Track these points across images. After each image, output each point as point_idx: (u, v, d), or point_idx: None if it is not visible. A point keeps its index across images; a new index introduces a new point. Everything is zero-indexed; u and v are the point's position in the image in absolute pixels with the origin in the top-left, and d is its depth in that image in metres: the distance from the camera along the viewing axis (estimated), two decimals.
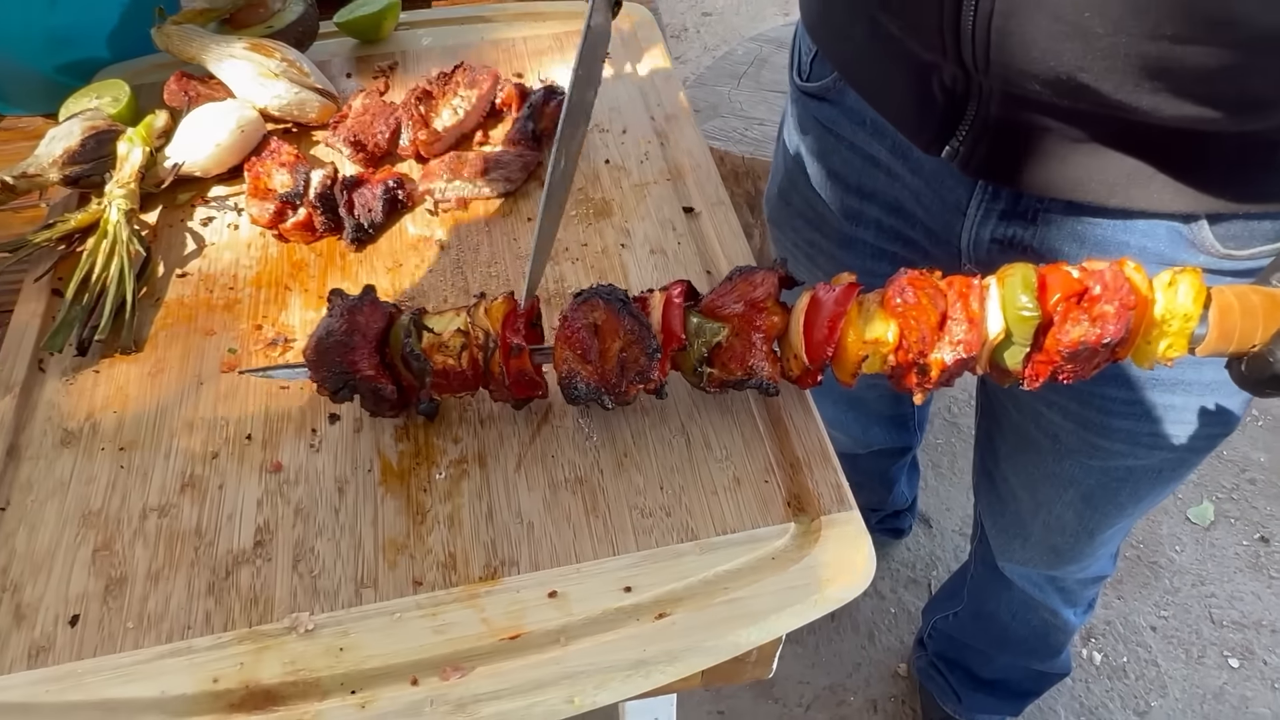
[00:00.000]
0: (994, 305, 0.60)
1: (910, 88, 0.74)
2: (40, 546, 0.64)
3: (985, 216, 0.78)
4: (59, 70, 0.95)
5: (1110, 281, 0.58)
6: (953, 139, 0.73)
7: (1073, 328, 0.59)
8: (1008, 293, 0.60)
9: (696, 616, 0.59)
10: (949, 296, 0.61)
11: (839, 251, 0.97)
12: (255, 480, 0.67)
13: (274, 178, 0.83)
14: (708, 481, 0.66)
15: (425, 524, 0.64)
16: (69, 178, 0.84)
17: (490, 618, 0.59)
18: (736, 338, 0.64)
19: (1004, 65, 0.63)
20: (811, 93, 0.90)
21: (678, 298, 0.64)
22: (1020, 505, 1.05)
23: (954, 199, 0.79)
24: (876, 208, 0.90)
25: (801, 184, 0.97)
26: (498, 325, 0.65)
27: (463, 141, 0.92)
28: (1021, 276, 0.60)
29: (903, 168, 0.84)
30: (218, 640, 0.59)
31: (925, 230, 0.86)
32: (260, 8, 0.97)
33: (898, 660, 1.73)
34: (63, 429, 0.70)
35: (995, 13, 0.61)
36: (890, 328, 0.61)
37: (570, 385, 0.64)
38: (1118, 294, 0.58)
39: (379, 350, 0.65)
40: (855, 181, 0.90)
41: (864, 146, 0.86)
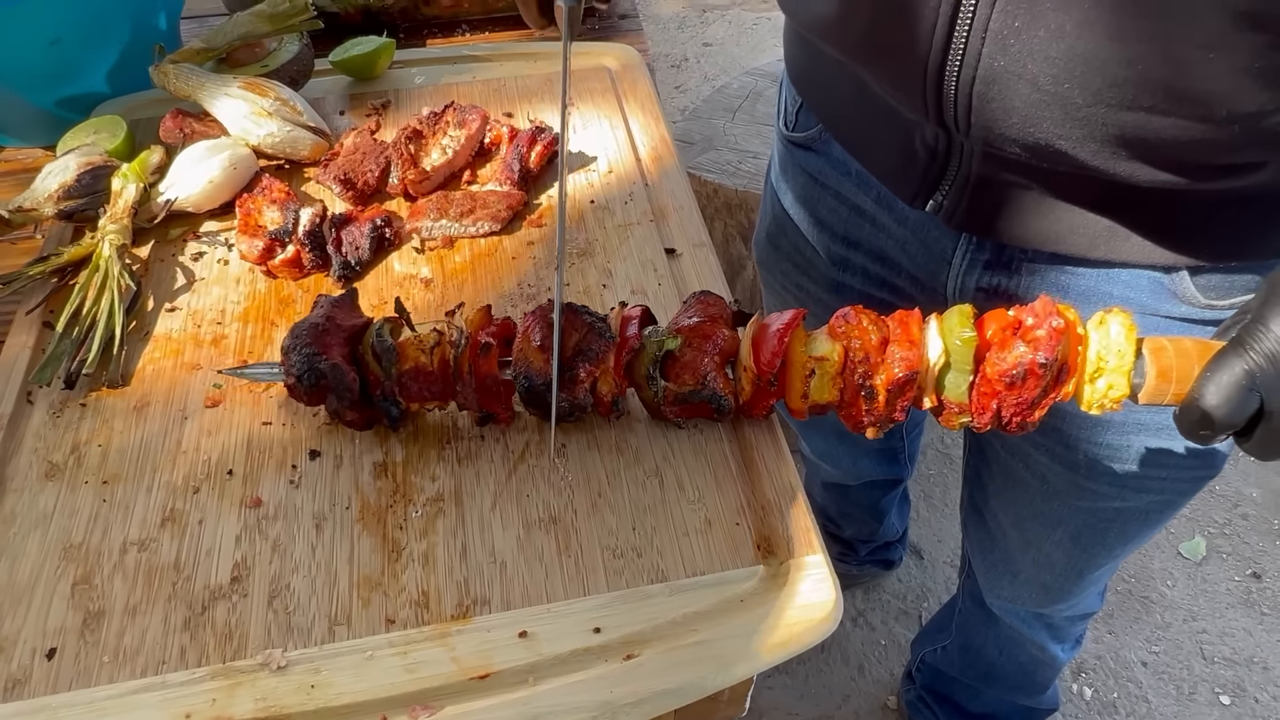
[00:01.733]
0: (933, 333, 0.63)
1: (894, 143, 0.75)
2: (21, 579, 0.65)
3: (970, 266, 0.80)
4: (59, 104, 0.97)
5: (1040, 310, 0.61)
6: (936, 193, 0.74)
7: (1008, 352, 0.61)
8: (946, 323, 0.63)
9: (664, 658, 0.59)
10: (890, 324, 0.64)
11: (827, 296, 0.98)
12: (234, 515, 0.68)
13: (264, 214, 0.85)
14: (679, 523, 0.67)
15: (400, 561, 0.65)
16: (64, 212, 0.86)
17: (460, 656, 0.60)
18: (689, 348, 0.66)
19: (984, 129, 0.65)
20: (797, 142, 0.92)
21: (636, 313, 0.68)
22: (1009, 543, 1.06)
23: (939, 249, 0.81)
24: (863, 255, 0.91)
25: (789, 229, 0.98)
26: (472, 327, 0.68)
27: (451, 180, 0.94)
28: (959, 310, 0.63)
29: (888, 218, 0.85)
30: (191, 676, 0.59)
31: (911, 278, 0.87)
32: (256, 47, 1.00)
33: (887, 693, 1.72)
34: (48, 461, 0.71)
35: (977, 79, 0.62)
36: (835, 347, 0.64)
37: (525, 377, 0.66)
38: (1047, 319, 0.60)
39: (350, 344, 0.68)
40: (841, 230, 0.91)
41: (850, 196, 0.88)
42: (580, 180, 0.94)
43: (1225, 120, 0.57)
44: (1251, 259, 0.70)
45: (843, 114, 0.83)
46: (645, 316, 0.70)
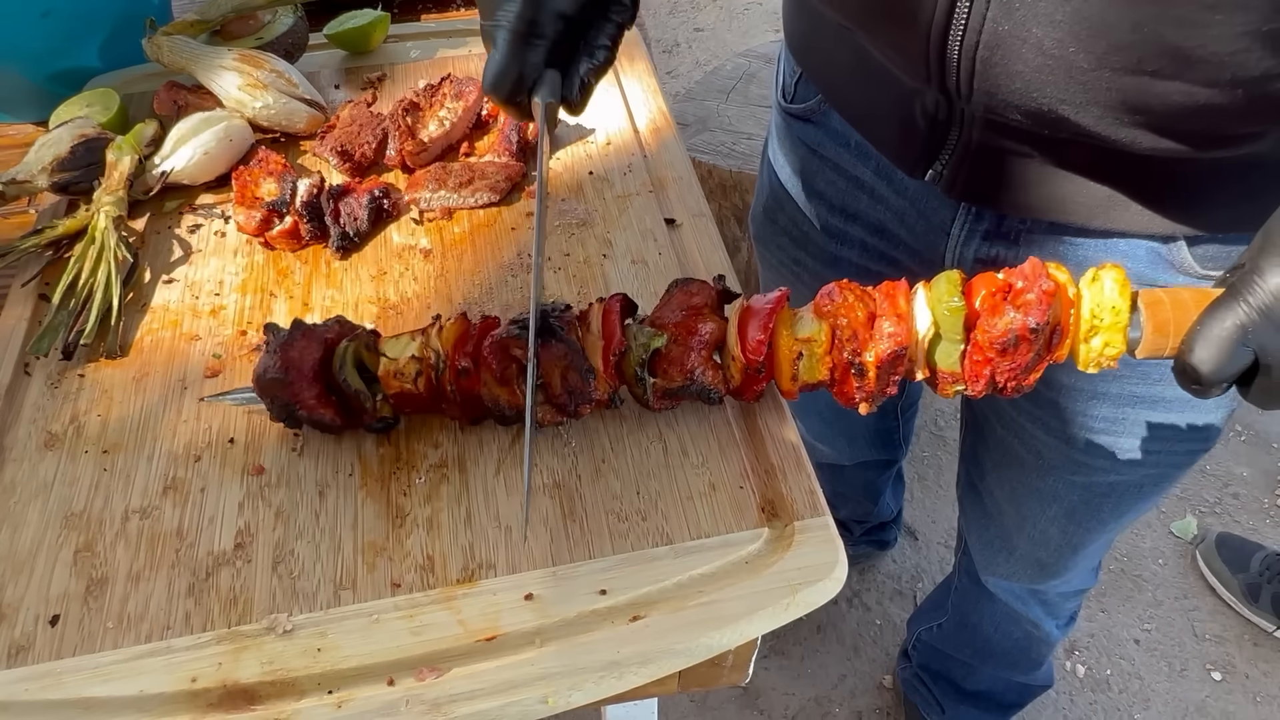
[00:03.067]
0: (921, 304, 0.62)
1: (894, 112, 0.75)
2: (22, 547, 0.64)
3: (969, 237, 0.79)
4: (51, 79, 0.96)
5: (1029, 273, 0.60)
6: (936, 163, 0.74)
7: (999, 319, 0.60)
8: (934, 292, 0.62)
9: (670, 619, 0.60)
10: (877, 298, 0.63)
11: (824, 270, 0.98)
12: (237, 483, 0.67)
13: (261, 186, 0.84)
14: (683, 487, 0.67)
15: (404, 527, 0.65)
16: (58, 184, 0.85)
17: (467, 619, 0.60)
18: (675, 344, 0.65)
19: (987, 95, 0.65)
20: (796, 114, 0.91)
21: (613, 310, 0.66)
22: (1005, 519, 1.07)
23: (938, 219, 0.81)
24: (861, 228, 0.91)
25: (786, 203, 0.98)
26: (449, 347, 0.66)
27: (448, 152, 0.93)
28: (947, 278, 0.62)
29: (887, 189, 0.85)
30: (196, 640, 0.59)
31: (910, 251, 0.87)
32: (250, 20, 0.99)
33: (883, 672, 1.73)
34: (47, 432, 0.71)
35: (981, 44, 0.62)
36: (821, 327, 0.63)
37: (499, 412, 0.66)
38: (1037, 282, 0.60)
39: (320, 378, 0.66)
40: (839, 202, 0.91)
41: (848, 168, 0.87)
42: (579, 152, 0.94)
43: (1229, 84, 0.57)
44: (1248, 229, 0.70)
45: (842, 83, 0.82)
46: (625, 306, 0.68)
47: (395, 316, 0.79)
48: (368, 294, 0.81)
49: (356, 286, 0.81)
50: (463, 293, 0.81)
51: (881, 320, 0.62)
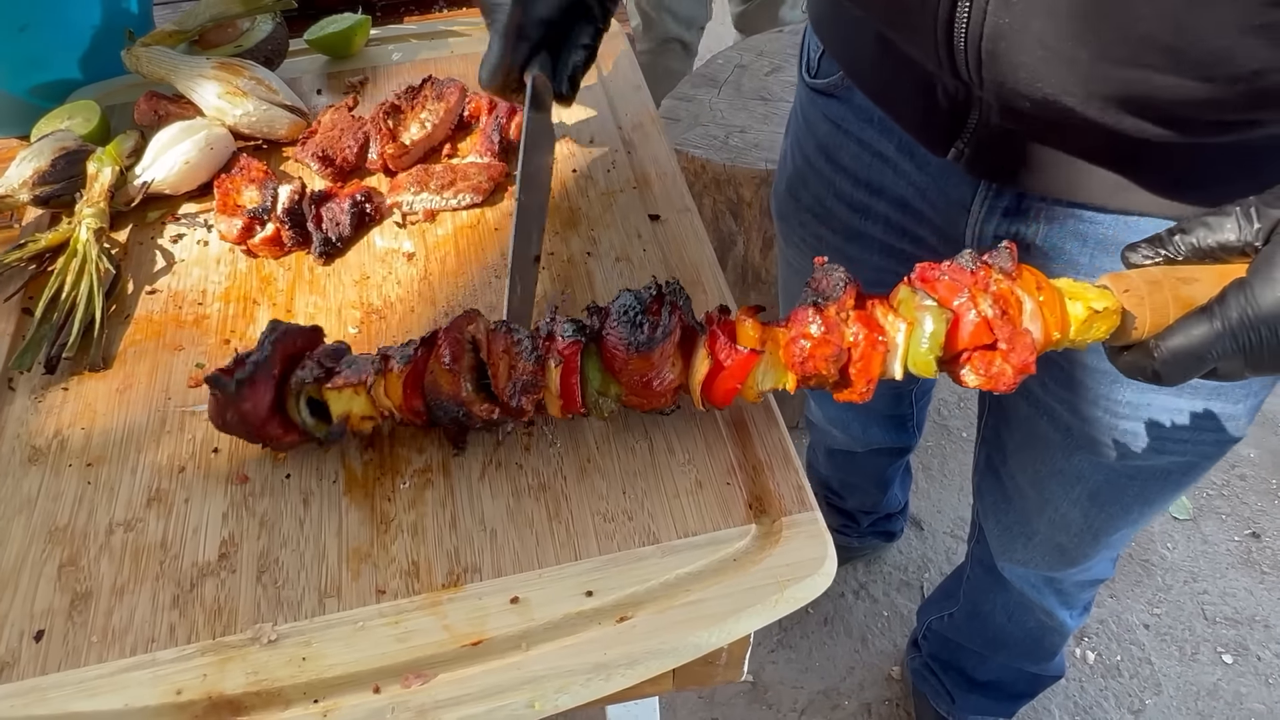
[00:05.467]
0: (896, 361, 0.61)
1: (916, 92, 0.75)
2: (6, 563, 0.64)
3: (989, 214, 0.79)
4: (31, 93, 0.96)
5: (1018, 345, 0.58)
6: (958, 141, 0.74)
7: (971, 375, 0.60)
8: (913, 346, 0.60)
9: (657, 619, 0.59)
10: (853, 356, 0.61)
11: (847, 246, 0.98)
12: (221, 493, 0.67)
13: (243, 194, 0.84)
14: (670, 485, 0.66)
15: (389, 533, 0.64)
16: (39, 198, 0.85)
17: (452, 624, 0.60)
18: (634, 395, 0.64)
19: (996, 84, 0.65)
20: (820, 89, 0.92)
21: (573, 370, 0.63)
22: (1026, 502, 1.06)
23: (958, 196, 0.81)
24: (885, 203, 0.91)
25: (810, 179, 0.98)
26: (398, 401, 0.64)
27: (431, 154, 0.93)
28: (932, 333, 0.59)
29: (909, 164, 0.85)
30: (181, 652, 0.59)
31: (932, 227, 0.87)
32: (229, 28, 0.98)
33: (891, 663, 1.72)
34: (30, 446, 0.71)
35: (985, 36, 0.62)
36: (789, 379, 0.62)
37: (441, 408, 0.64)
38: (1021, 359, 0.58)
39: (277, 414, 0.65)
40: (864, 177, 0.91)
41: (872, 143, 0.88)
42: (562, 150, 0.93)
43: (1226, 79, 0.57)
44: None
45: (864, 64, 0.83)
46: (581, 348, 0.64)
47: (379, 321, 0.78)
48: (351, 299, 0.80)
49: (340, 292, 0.81)
50: (446, 295, 0.80)
51: (853, 375, 0.61)
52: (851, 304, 0.61)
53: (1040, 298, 0.59)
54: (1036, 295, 0.59)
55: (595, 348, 0.64)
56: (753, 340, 0.62)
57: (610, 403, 0.65)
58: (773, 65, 1.93)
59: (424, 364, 0.64)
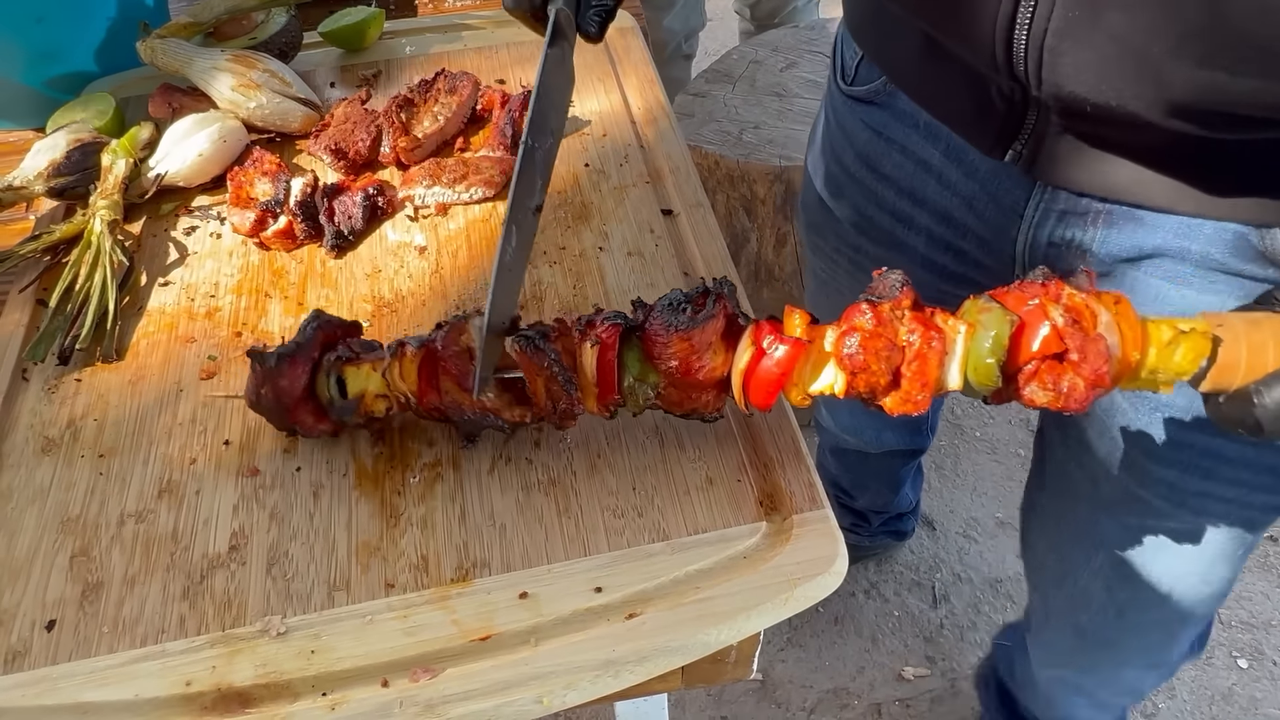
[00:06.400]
0: (955, 365, 0.56)
1: (967, 95, 0.71)
2: (19, 553, 0.64)
3: (1043, 219, 0.75)
4: (47, 85, 0.96)
5: (1090, 353, 0.53)
6: (1015, 143, 0.70)
7: (1038, 391, 0.54)
8: (974, 350, 0.56)
9: (666, 616, 0.59)
10: (907, 355, 0.56)
11: (887, 256, 0.91)
12: (232, 485, 0.67)
13: (256, 186, 0.84)
14: (680, 482, 0.66)
15: (398, 527, 0.64)
16: (54, 189, 0.85)
17: (461, 619, 0.59)
18: (674, 388, 0.62)
19: (1056, 85, 0.61)
20: (858, 96, 0.87)
21: (610, 348, 0.61)
22: (1045, 575, 1.00)
23: (1010, 201, 0.76)
24: (927, 215, 0.86)
25: (849, 189, 0.93)
26: (413, 386, 0.64)
27: (443, 148, 0.92)
28: (995, 336, 0.55)
29: (956, 172, 0.80)
30: (191, 644, 0.59)
31: (977, 239, 0.83)
32: (244, 21, 0.98)
33: (901, 663, 1.71)
34: (44, 437, 0.71)
35: (1049, 32, 0.58)
36: (838, 379, 0.58)
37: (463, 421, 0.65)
38: (1094, 369, 0.52)
39: (311, 398, 0.65)
40: (907, 185, 0.86)
41: (916, 150, 0.83)
42: (574, 144, 0.93)
43: None
44: None
45: (910, 67, 0.78)
46: (620, 338, 0.62)
47: (390, 314, 0.78)
48: (363, 292, 0.80)
49: (351, 285, 0.81)
50: (458, 289, 0.80)
51: (906, 383, 0.56)
52: (908, 304, 0.57)
53: (1118, 310, 0.54)
54: (1114, 309, 0.54)
55: (637, 341, 0.62)
56: (800, 332, 0.59)
57: (648, 390, 0.62)
58: (787, 61, 1.92)
59: (432, 353, 0.64)
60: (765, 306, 1.81)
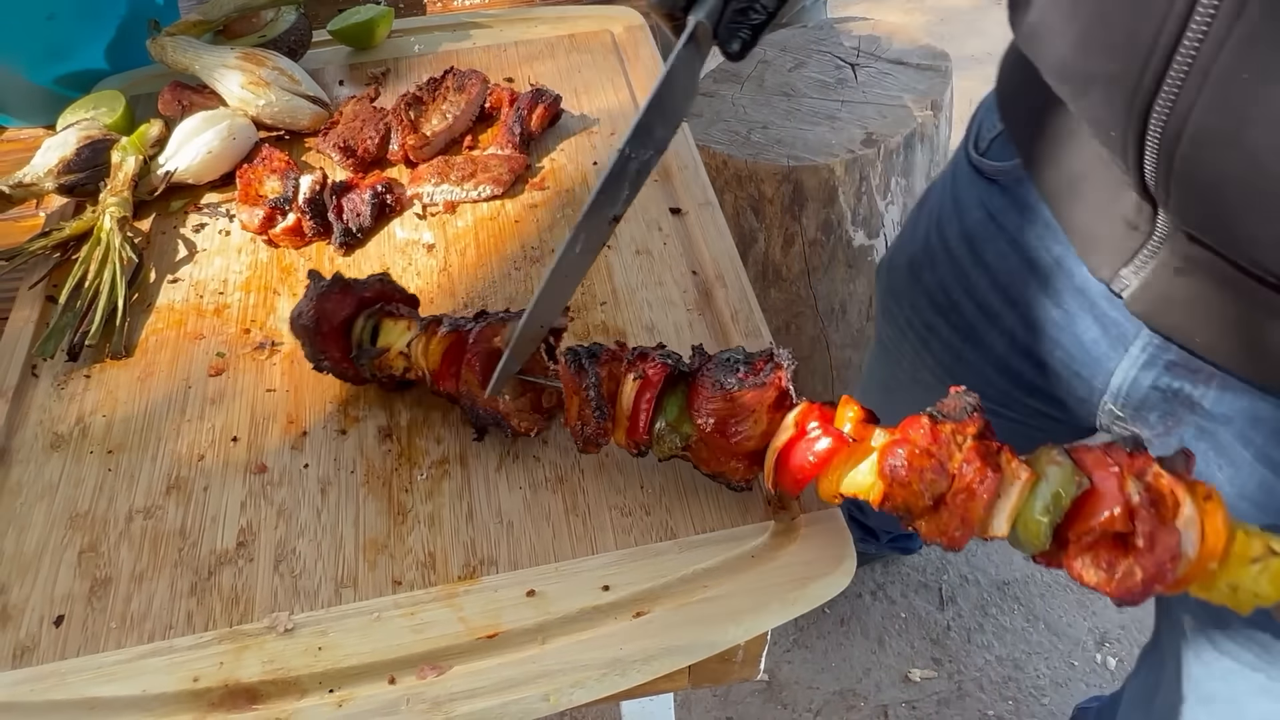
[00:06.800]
0: (1005, 512, 0.51)
1: (1096, 198, 0.65)
2: (28, 548, 0.64)
3: (1151, 360, 0.67)
4: (58, 82, 0.97)
5: (1159, 545, 0.46)
6: (1128, 267, 0.63)
7: (1090, 567, 0.49)
8: (1029, 502, 0.50)
9: (674, 615, 0.58)
10: (954, 485, 0.51)
11: (962, 347, 0.85)
12: (240, 482, 0.67)
13: (264, 184, 0.84)
14: (688, 480, 0.65)
15: (406, 524, 0.64)
16: (64, 186, 0.85)
17: (468, 617, 0.59)
18: (705, 446, 0.60)
19: (1183, 205, 0.55)
20: (984, 171, 0.80)
21: (652, 386, 0.59)
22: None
23: (1118, 332, 0.69)
24: (1017, 318, 0.78)
25: (941, 264, 0.85)
26: (434, 365, 0.64)
27: (452, 146, 0.92)
28: (1056, 494, 0.49)
29: (1064, 282, 0.73)
30: (198, 640, 0.59)
31: (1068, 361, 0.75)
32: (253, 18, 0.99)
33: (908, 665, 1.71)
34: (53, 433, 0.71)
35: (1184, 137, 0.51)
36: (875, 487, 0.54)
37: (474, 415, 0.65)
38: (1158, 563, 0.46)
39: (345, 335, 0.67)
40: (1004, 280, 0.78)
41: (1027, 247, 0.75)
42: (583, 143, 0.93)
43: None
44: None
45: (1047, 154, 0.70)
46: (667, 380, 0.60)
47: None
48: None
49: None
50: (466, 287, 0.80)
51: (945, 511, 0.52)
52: (973, 432, 0.51)
53: (1205, 507, 0.48)
54: (1201, 504, 0.48)
55: (683, 388, 0.60)
56: (850, 428, 0.55)
57: (677, 440, 0.60)
58: (796, 61, 1.92)
59: (462, 340, 0.64)
60: (772, 306, 1.81)
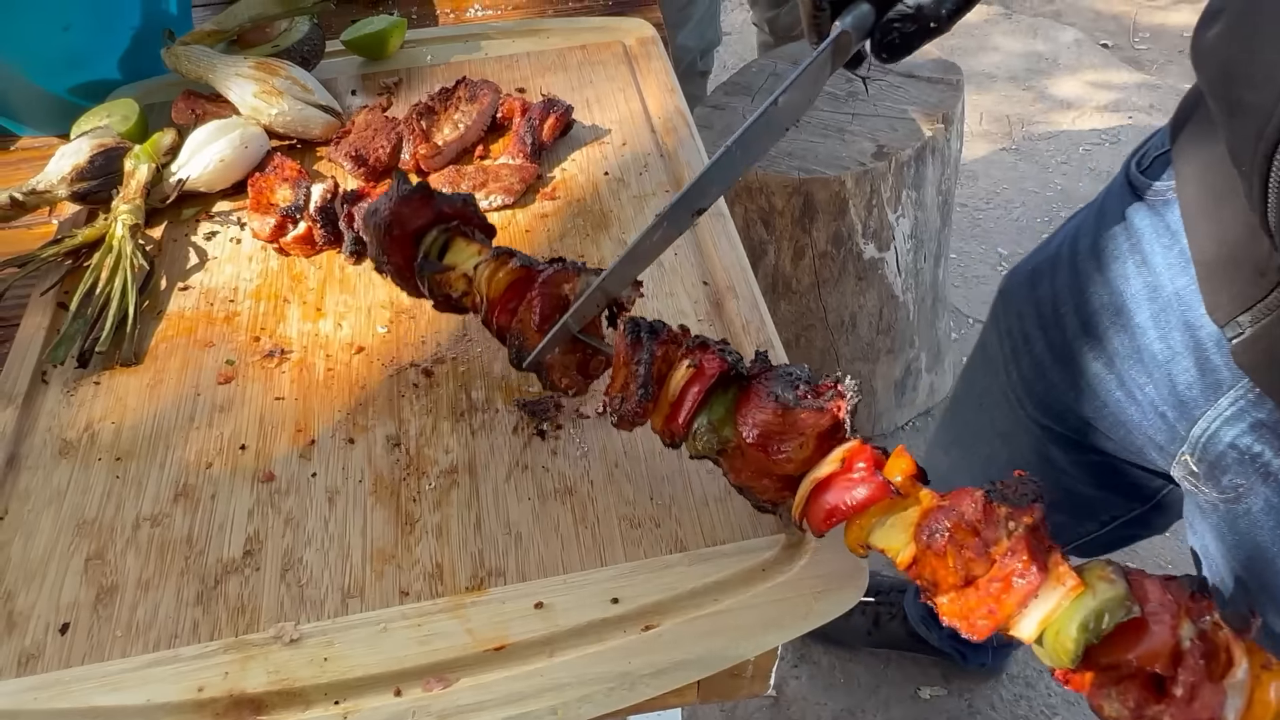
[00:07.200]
0: (1036, 616, 0.47)
1: (1233, 236, 0.62)
2: (35, 555, 0.64)
3: (1238, 415, 0.65)
4: (73, 91, 0.97)
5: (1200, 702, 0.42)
6: (1244, 314, 0.61)
7: (1114, 702, 0.46)
8: (1067, 613, 0.46)
9: (683, 629, 0.58)
10: (992, 571, 0.48)
11: (1051, 365, 0.83)
12: (247, 490, 0.67)
13: (276, 192, 0.84)
14: (698, 492, 0.65)
15: (414, 534, 0.64)
16: (77, 194, 0.86)
17: (475, 628, 0.59)
18: (741, 456, 0.57)
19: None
20: (1137, 187, 0.77)
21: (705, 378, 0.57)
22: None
23: (1216, 378, 0.67)
24: (1120, 343, 0.76)
25: (1062, 273, 0.82)
26: (495, 294, 0.65)
27: (463, 155, 0.92)
28: (1099, 613, 0.45)
29: (1178, 317, 0.70)
30: (204, 649, 0.59)
31: (1154, 397, 0.73)
32: (267, 28, 0.99)
33: (917, 683, 1.69)
34: (62, 439, 0.71)
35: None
36: (906, 550, 0.51)
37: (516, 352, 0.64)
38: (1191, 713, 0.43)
39: (414, 245, 0.68)
40: (1117, 301, 0.76)
41: (1154, 273, 0.73)
42: (594, 153, 0.93)
43: None
44: None
45: (1197, 178, 0.68)
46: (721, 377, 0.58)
47: (408, 321, 0.78)
48: (381, 299, 0.80)
49: (370, 291, 0.81)
50: None
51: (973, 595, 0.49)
52: (1029, 522, 0.48)
53: (1260, 676, 0.44)
54: (1257, 670, 0.44)
55: (736, 390, 0.58)
56: (899, 479, 0.52)
57: (713, 440, 0.58)
58: None
59: (530, 278, 0.64)
60: (782, 319, 1.80)
